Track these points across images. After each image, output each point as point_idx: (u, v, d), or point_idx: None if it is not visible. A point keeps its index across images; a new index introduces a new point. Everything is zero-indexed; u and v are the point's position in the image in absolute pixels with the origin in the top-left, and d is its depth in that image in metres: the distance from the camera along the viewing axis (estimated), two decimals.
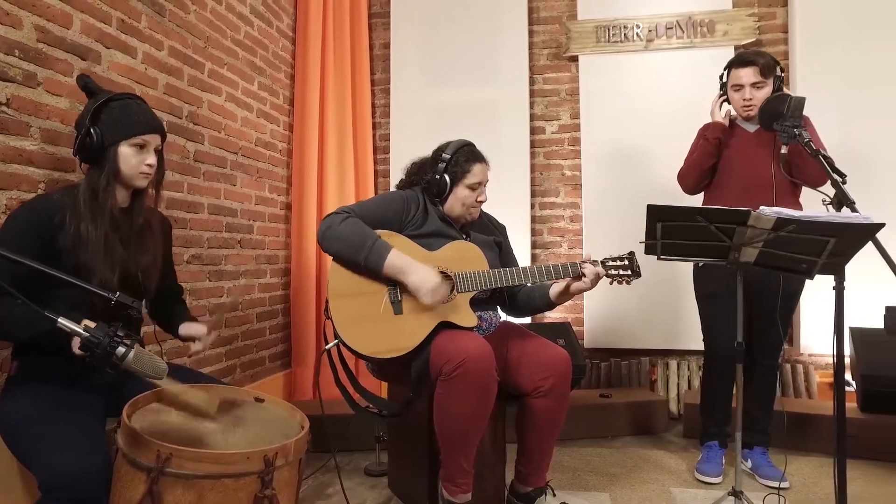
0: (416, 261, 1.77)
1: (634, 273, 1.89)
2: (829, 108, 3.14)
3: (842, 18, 3.15)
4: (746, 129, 2.36)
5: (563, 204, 3.48)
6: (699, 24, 3.31)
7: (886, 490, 2.28)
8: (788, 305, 2.31)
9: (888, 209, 3.03)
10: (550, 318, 3.39)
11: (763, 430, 2.40)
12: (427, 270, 1.75)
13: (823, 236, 1.46)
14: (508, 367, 1.89)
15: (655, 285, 3.15)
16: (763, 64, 2.25)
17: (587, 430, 2.87)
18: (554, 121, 3.51)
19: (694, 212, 1.61)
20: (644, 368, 3.27)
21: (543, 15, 3.54)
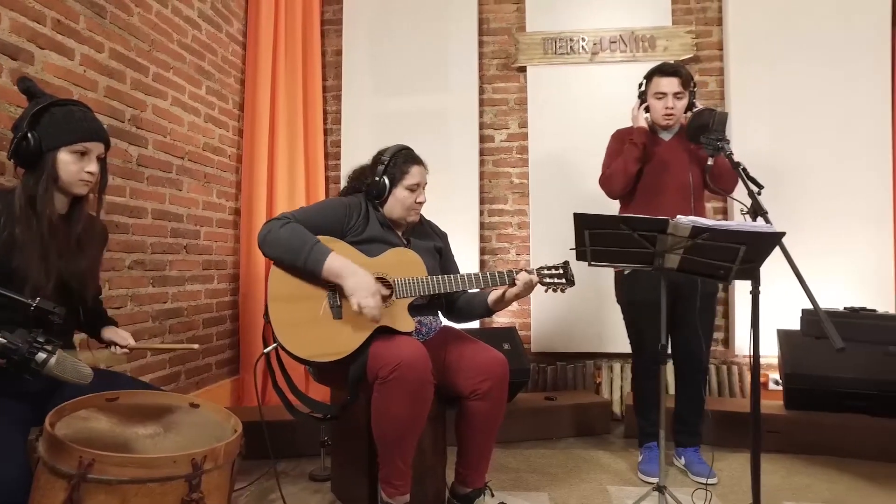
0: (352, 263, 1.81)
1: (568, 281, 1.97)
2: (760, 120, 3.33)
3: (770, 39, 3.33)
4: (662, 137, 2.48)
5: (511, 211, 3.56)
6: (641, 40, 3.45)
7: (803, 481, 2.42)
8: (708, 306, 2.42)
9: (815, 215, 3.25)
10: (498, 323, 3.46)
11: (694, 430, 2.51)
12: (364, 275, 1.79)
13: (735, 244, 1.56)
14: (447, 371, 1.94)
15: (601, 290, 3.24)
16: (684, 76, 2.38)
17: (532, 432, 2.94)
18: (503, 129, 3.59)
19: (617, 220, 1.69)
20: (589, 371, 3.37)
21: (493, 26, 3.62)
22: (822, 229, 3.24)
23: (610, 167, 2.51)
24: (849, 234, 3.22)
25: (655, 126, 2.49)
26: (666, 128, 2.47)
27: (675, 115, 2.40)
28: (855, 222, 3.23)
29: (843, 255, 3.21)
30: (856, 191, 3.25)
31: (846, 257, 3.21)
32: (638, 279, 2.39)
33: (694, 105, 2.40)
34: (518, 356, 2.96)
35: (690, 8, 3.53)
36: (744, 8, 3.38)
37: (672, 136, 2.47)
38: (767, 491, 2.30)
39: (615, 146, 2.53)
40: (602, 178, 2.54)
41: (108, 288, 2.31)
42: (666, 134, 2.49)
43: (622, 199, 2.57)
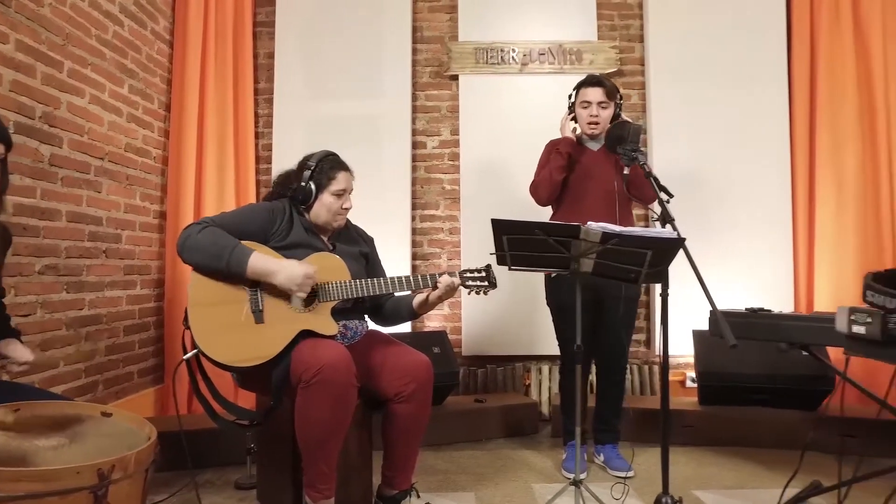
0: (279, 259, 1.81)
1: (491, 284, 2.03)
2: (677, 132, 3.52)
3: (685, 57, 3.54)
4: (591, 147, 2.60)
5: (442, 217, 3.61)
6: (569, 53, 3.58)
7: (711, 471, 2.59)
8: (630, 310, 2.55)
9: (725, 222, 3.46)
10: (429, 327, 3.51)
11: (613, 427, 2.63)
12: (293, 265, 1.81)
13: (642, 248, 1.66)
14: (372, 374, 1.96)
15: (529, 294, 3.33)
16: (609, 87, 2.51)
17: (462, 434, 2.99)
18: (435, 136, 3.64)
19: (533, 226, 1.76)
20: (518, 374, 3.46)
21: (427, 34, 3.68)
22: (731, 235, 3.46)
23: (538, 175, 2.60)
24: (755, 240, 3.46)
25: (583, 136, 2.60)
26: (592, 136, 2.58)
27: (600, 124, 2.51)
28: (760, 229, 3.48)
29: (750, 259, 3.44)
30: (760, 200, 3.49)
31: (752, 261, 3.44)
32: (563, 283, 2.46)
33: (619, 116, 2.53)
34: (447, 359, 3.01)
35: (615, 25, 3.70)
36: (662, 27, 3.58)
37: (599, 146, 2.59)
38: (680, 481, 2.45)
39: (545, 156, 2.64)
40: (531, 185, 2.64)
41: (14, 294, 2.19)
42: (593, 144, 2.60)
43: (552, 206, 2.66)
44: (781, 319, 2.12)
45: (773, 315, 2.19)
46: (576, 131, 2.60)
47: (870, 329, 1.06)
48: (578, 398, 2.00)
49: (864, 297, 1.09)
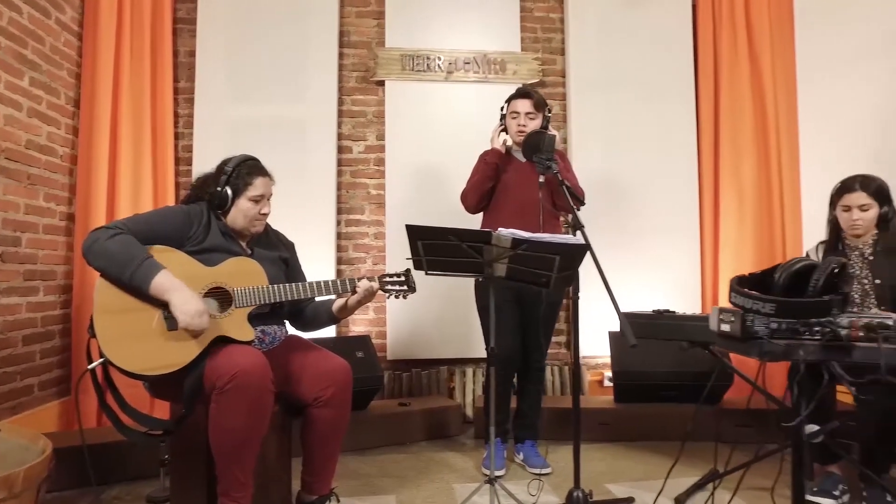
0: (183, 284, 1.75)
1: (410, 288, 2.06)
2: (596, 142, 3.69)
3: (603, 71, 3.72)
4: (519, 158, 2.70)
5: (368, 221, 3.61)
6: (493, 63, 3.68)
7: (624, 465, 2.73)
8: (551, 313, 2.65)
9: (639, 228, 3.65)
10: (354, 331, 3.50)
11: (532, 425, 2.72)
12: (190, 295, 1.75)
13: (550, 254, 1.74)
14: (291, 380, 1.94)
15: (454, 298, 3.39)
16: (537, 99, 2.63)
17: (386, 438, 3.00)
18: (361, 141, 3.64)
19: (446, 231, 1.81)
20: (443, 377, 3.50)
21: (354, 39, 3.67)
22: (644, 241, 3.66)
23: (468, 184, 2.69)
24: (666, 245, 3.67)
25: (513, 147, 2.70)
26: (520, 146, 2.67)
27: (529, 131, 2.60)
28: (670, 235, 3.70)
29: (662, 263, 3.65)
30: (671, 207, 3.71)
31: (664, 265, 3.65)
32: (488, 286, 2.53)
33: (548, 128, 2.64)
34: (371, 364, 3.02)
35: (538, 37, 3.83)
36: (582, 42, 3.74)
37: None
38: (594, 475, 2.57)
39: (476, 165, 2.73)
40: (462, 193, 2.72)
41: None
42: (522, 155, 2.70)
43: (483, 213, 2.74)
44: (683, 320, 2.27)
45: (675, 316, 2.34)
46: (507, 142, 2.69)
47: (733, 327, 1.17)
48: (493, 398, 2.06)
49: (730, 299, 1.19)
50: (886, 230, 2.41)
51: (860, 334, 1.06)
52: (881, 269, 2.39)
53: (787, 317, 1.10)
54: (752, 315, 1.13)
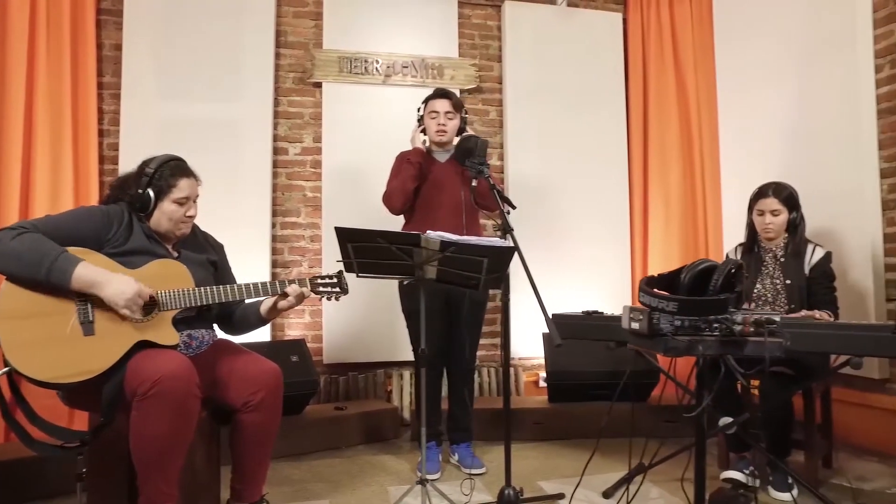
0: (110, 271, 1.69)
1: (343, 290, 2.04)
2: (530, 148, 3.79)
3: (538, 78, 3.82)
4: (439, 159, 2.74)
5: (304, 224, 3.57)
6: (431, 67, 3.71)
7: (556, 462, 2.80)
8: (476, 314, 2.69)
9: (573, 231, 3.77)
10: (289, 335, 3.44)
11: (465, 427, 2.75)
12: (124, 279, 1.69)
13: (478, 256, 1.78)
14: (219, 385, 1.89)
15: (390, 301, 3.35)
16: (455, 100, 2.69)
17: (321, 442, 2.96)
18: (297, 143, 3.60)
19: (375, 234, 1.82)
20: (380, 380, 3.50)
21: (291, 40, 3.62)
22: (577, 244, 3.79)
23: (390, 185, 2.68)
24: (598, 249, 3.81)
25: (432, 148, 2.73)
26: (440, 145, 2.72)
27: (448, 133, 2.67)
28: (602, 239, 3.84)
29: (594, 266, 3.77)
30: (603, 212, 3.86)
31: (596, 267, 3.78)
32: (414, 290, 2.54)
33: (464, 129, 2.70)
34: (306, 368, 2.98)
35: (475, 44, 3.89)
36: (518, 50, 3.83)
37: (447, 157, 2.73)
38: (527, 473, 2.63)
39: (397, 166, 2.74)
40: (384, 195, 2.71)
41: None
42: (442, 155, 2.74)
43: (405, 215, 2.74)
44: (610, 320, 2.37)
45: (603, 317, 2.44)
46: (425, 143, 2.72)
47: (641, 324, 1.24)
48: (424, 400, 2.08)
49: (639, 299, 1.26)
50: (795, 234, 2.59)
51: (751, 329, 1.15)
52: (790, 270, 2.57)
53: (689, 314, 1.17)
54: (658, 313, 1.20)
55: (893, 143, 2.90)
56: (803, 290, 2.53)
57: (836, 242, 2.95)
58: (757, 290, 2.63)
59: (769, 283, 2.61)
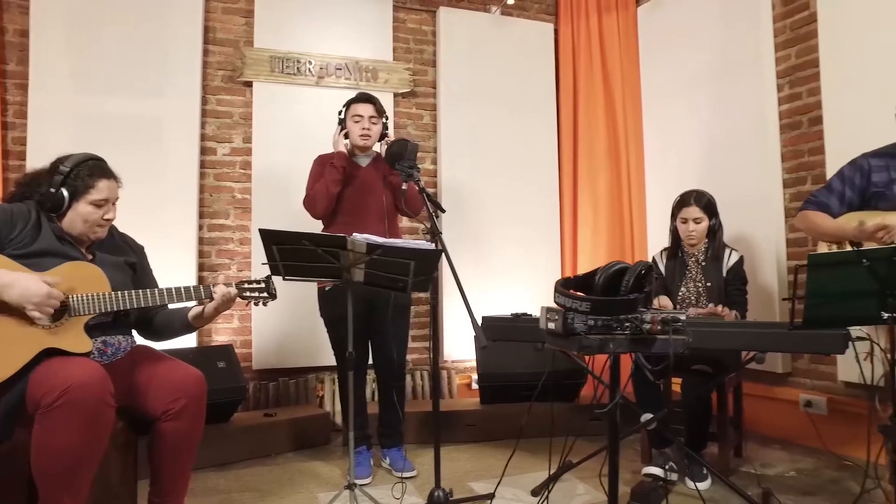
0: (16, 272, 1.59)
1: (270, 295, 2.00)
2: (464, 153, 3.85)
3: (470, 84, 3.88)
4: (360, 163, 2.74)
5: (232, 226, 3.46)
6: (365, 70, 3.70)
7: (487, 463, 2.85)
8: (401, 317, 2.70)
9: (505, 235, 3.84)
10: (216, 341, 3.33)
11: (396, 431, 2.75)
12: (32, 280, 1.60)
13: (405, 259, 1.79)
14: (137, 393, 1.81)
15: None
16: (379, 105, 2.72)
17: (250, 451, 2.88)
18: (226, 143, 3.49)
19: (301, 236, 1.80)
20: (311, 385, 3.44)
21: (220, 36, 3.52)
22: (509, 247, 3.87)
23: (312, 189, 2.65)
24: (529, 252, 3.90)
25: (354, 151, 2.73)
26: (363, 149, 2.73)
27: (371, 137, 2.69)
28: (533, 243, 3.94)
29: (525, 269, 3.86)
30: (534, 217, 3.96)
31: (527, 271, 3.87)
32: (336, 295, 2.50)
33: (386, 134, 2.72)
34: (234, 374, 2.90)
35: (410, 48, 3.91)
36: (452, 55, 3.88)
37: (369, 161, 2.74)
38: (458, 475, 2.65)
39: (318, 169, 2.72)
40: (305, 199, 2.69)
41: None
42: (364, 159, 2.76)
43: (325, 220, 2.72)
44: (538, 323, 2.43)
45: (531, 319, 2.50)
46: (347, 147, 2.72)
47: (556, 324, 1.29)
48: (352, 405, 2.07)
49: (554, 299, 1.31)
50: (714, 239, 2.75)
51: (658, 328, 1.22)
52: (710, 273, 2.72)
53: (601, 314, 1.23)
54: (573, 313, 1.25)
55: (794, 156, 3.14)
56: (722, 291, 2.69)
57: (748, 247, 3.14)
58: (681, 293, 2.78)
59: (692, 286, 2.76)
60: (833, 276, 1.55)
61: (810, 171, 3.05)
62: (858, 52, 2.77)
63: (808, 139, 3.07)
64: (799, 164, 3.12)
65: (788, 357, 3.11)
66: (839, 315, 1.65)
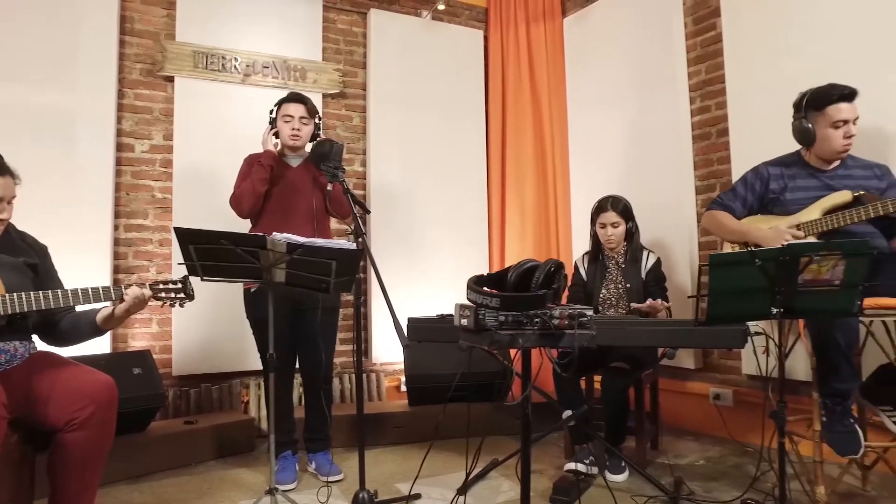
0: None
1: (188, 296, 1.94)
2: (393, 154, 3.86)
3: (402, 86, 3.90)
4: (290, 163, 2.72)
5: (151, 227, 3.31)
6: (293, 69, 3.64)
7: (414, 464, 2.80)
8: (330, 319, 2.68)
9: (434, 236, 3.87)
10: (133, 346, 3.18)
11: (322, 436, 2.71)
12: None
13: (327, 259, 1.78)
14: (36, 402, 1.71)
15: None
16: (310, 105, 2.69)
17: (169, 460, 2.76)
18: (145, 139, 3.34)
19: (219, 235, 1.76)
20: (236, 391, 3.34)
21: (138, 27, 3.37)
22: (438, 249, 3.91)
23: (239, 187, 2.61)
24: (458, 255, 3.95)
25: (284, 151, 2.70)
26: (294, 149, 2.70)
27: (302, 138, 2.67)
28: (462, 245, 3.99)
29: (454, 272, 3.90)
30: (462, 220, 4.02)
31: (456, 273, 3.90)
32: (262, 297, 2.46)
33: (318, 135, 2.71)
34: (151, 381, 2.77)
35: (340, 49, 3.88)
36: (382, 57, 3.88)
37: (300, 162, 2.71)
38: (385, 477, 2.65)
39: (246, 169, 2.68)
40: (232, 197, 2.63)
41: None
42: (294, 160, 2.72)
43: (253, 220, 2.67)
44: None
45: None
46: (277, 146, 2.68)
47: (469, 320, 1.33)
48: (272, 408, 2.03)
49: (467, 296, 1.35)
50: (632, 242, 2.88)
51: (566, 323, 1.28)
52: (630, 275, 2.85)
53: (511, 310, 1.28)
54: (484, 309, 1.29)
55: (704, 164, 3.35)
56: (641, 292, 2.82)
57: (665, 249, 3.32)
58: (602, 295, 2.89)
59: (613, 287, 2.88)
60: (731, 275, 1.66)
61: (719, 179, 3.26)
62: (758, 70, 2.99)
63: (717, 149, 3.27)
64: (709, 172, 3.32)
65: (700, 353, 3.30)
66: (737, 311, 1.77)
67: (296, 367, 2.71)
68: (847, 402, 2.06)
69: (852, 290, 1.57)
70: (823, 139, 2.27)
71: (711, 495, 2.35)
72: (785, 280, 1.61)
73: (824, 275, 1.56)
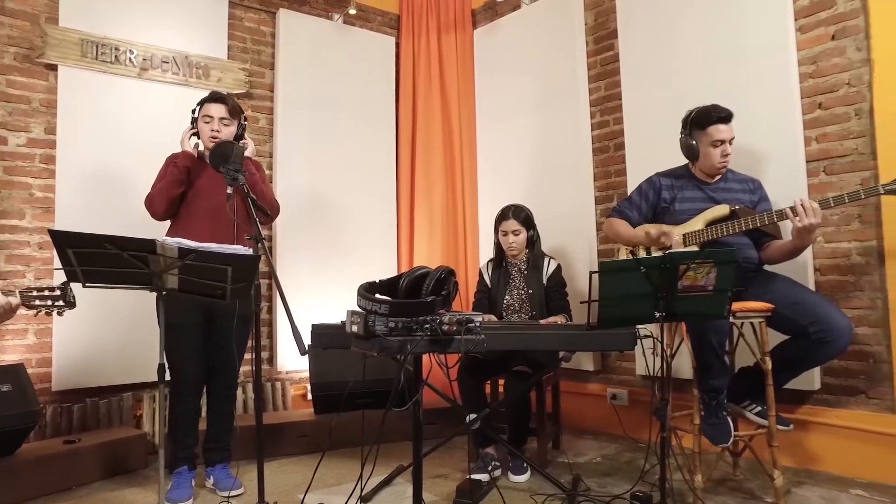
0: None
1: (67, 303, 1.80)
2: (302, 158, 3.80)
3: (311, 89, 3.84)
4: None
5: (29, 228, 3.02)
6: (195, 66, 3.48)
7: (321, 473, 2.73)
8: (244, 329, 2.58)
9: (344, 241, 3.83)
10: (3, 360, 2.89)
11: (224, 447, 2.60)
12: None
13: (222, 265, 1.71)
14: None
15: (139, 314, 3.03)
16: (232, 105, 2.59)
17: (45, 485, 2.52)
18: (21, 132, 3.05)
19: (102, 239, 1.65)
20: (127, 405, 3.12)
21: (13, 7, 3.04)
22: (348, 255, 3.87)
23: (154, 188, 2.51)
24: (367, 261, 3.92)
25: (205, 153, 2.57)
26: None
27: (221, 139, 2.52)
28: (371, 250, 3.99)
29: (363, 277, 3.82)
30: (372, 225, 4.02)
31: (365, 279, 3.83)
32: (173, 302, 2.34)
33: (242, 136, 2.61)
34: (23, 398, 2.53)
35: (247, 48, 3.75)
36: (291, 59, 3.80)
37: None
38: (288, 488, 2.58)
39: (163, 169, 2.55)
40: (147, 198, 2.52)
41: None
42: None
43: (170, 222, 2.54)
44: None
45: None
46: (198, 147, 2.57)
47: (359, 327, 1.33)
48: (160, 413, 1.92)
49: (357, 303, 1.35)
50: (533, 249, 2.98)
51: (455, 328, 1.30)
52: (532, 281, 2.94)
53: (400, 316, 1.29)
54: (374, 316, 1.29)
55: (603, 175, 3.55)
56: (542, 298, 2.91)
57: (567, 256, 3.46)
58: (506, 301, 2.96)
59: (516, 293, 2.96)
60: (619, 281, 1.77)
61: (616, 190, 3.45)
62: (651, 88, 3.20)
63: (614, 161, 3.47)
64: (607, 183, 3.51)
65: (599, 356, 3.47)
66: (626, 315, 1.88)
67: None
68: (721, 396, 2.25)
69: (723, 294, 1.72)
70: (705, 156, 2.47)
71: (606, 490, 2.48)
72: (666, 286, 1.73)
73: (700, 281, 1.70)
